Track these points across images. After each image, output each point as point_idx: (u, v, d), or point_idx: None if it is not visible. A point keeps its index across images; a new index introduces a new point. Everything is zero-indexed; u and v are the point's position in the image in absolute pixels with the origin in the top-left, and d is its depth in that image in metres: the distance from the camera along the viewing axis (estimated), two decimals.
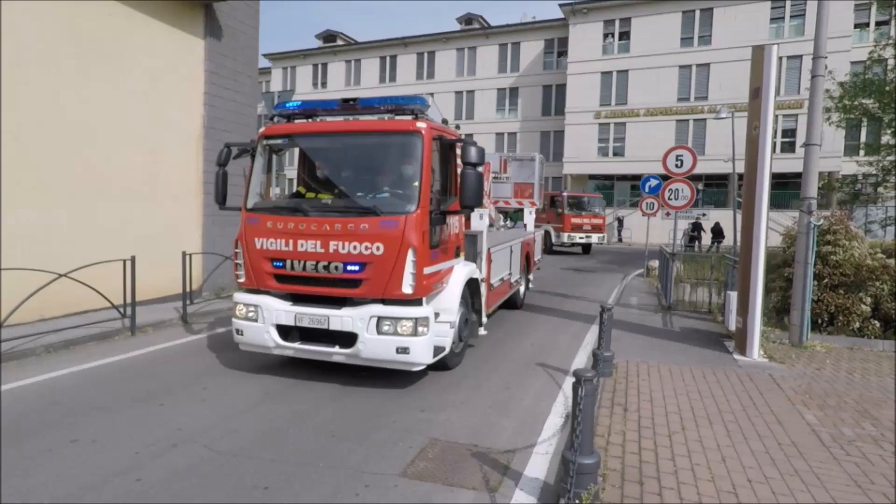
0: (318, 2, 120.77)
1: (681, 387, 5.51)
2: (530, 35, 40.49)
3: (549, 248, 22.57)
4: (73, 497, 3.29)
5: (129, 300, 7.45)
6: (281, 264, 5.35)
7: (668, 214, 19.09)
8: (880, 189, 16.35)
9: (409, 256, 5.00)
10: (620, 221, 33.65)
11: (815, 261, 7.47)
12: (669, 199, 12.60)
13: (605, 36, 36.06)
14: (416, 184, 5.16)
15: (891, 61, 14.64)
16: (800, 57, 30.51)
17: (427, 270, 5.21)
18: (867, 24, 31.88)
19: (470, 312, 6.43)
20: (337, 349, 5.28)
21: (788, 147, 31.64)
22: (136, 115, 8.94)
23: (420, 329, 5.06)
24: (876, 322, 7.55)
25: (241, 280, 5.65)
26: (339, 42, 47.98)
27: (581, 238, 23.33)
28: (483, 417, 4.73)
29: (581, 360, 6.73)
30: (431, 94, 43.55)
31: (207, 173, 10.21)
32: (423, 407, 4.93)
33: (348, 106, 5.79)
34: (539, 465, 3.84)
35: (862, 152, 21.50)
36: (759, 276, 6.67)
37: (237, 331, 5.65)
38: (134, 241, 8.63)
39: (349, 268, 5.11)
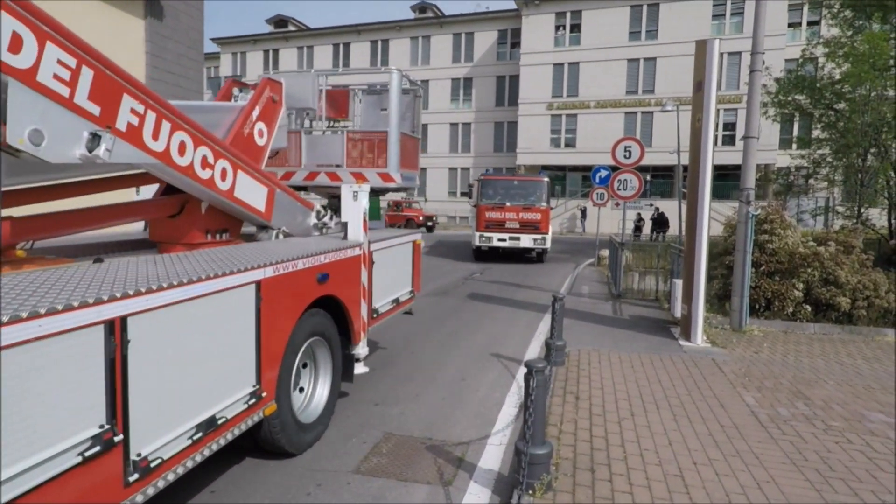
0: None
1: (630, 373, 5.67)
2: (484, 25, 40.53)
3: (481, 254, 16.95)
4: None
5: None
6: None
7: (617, 205, 19.60)
8: (811, 181, 17.31)
9: None
10: (583, 212, 33.79)
11: (753, 249, 7.84)
12: (619, 189, 12.92)
13: (557, 28, 36.52)
14: None
15: (821, 60, 15.47)
16: (739, 53, 31.81)
17: None
18: (800, 24, 33.61)
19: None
20: None
21: (729, 140, 33.05)
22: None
23: None
24: (807, 307, 8.00)
25: None
26: (291, 28, 46.61)
27: (503, 241, 16.08)
28: (437, 410, 4.72)
29: (535, 349, 6.82)
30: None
31: None
32: (377, 400, 4.87)
33: None
34: (493, 456, 3.86)
35: (795, 146, 22.74)
36: (702, 264, 6.94)
37: None
38: None
39: None
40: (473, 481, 3.50)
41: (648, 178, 34.09)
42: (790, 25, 32.76)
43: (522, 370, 5.86)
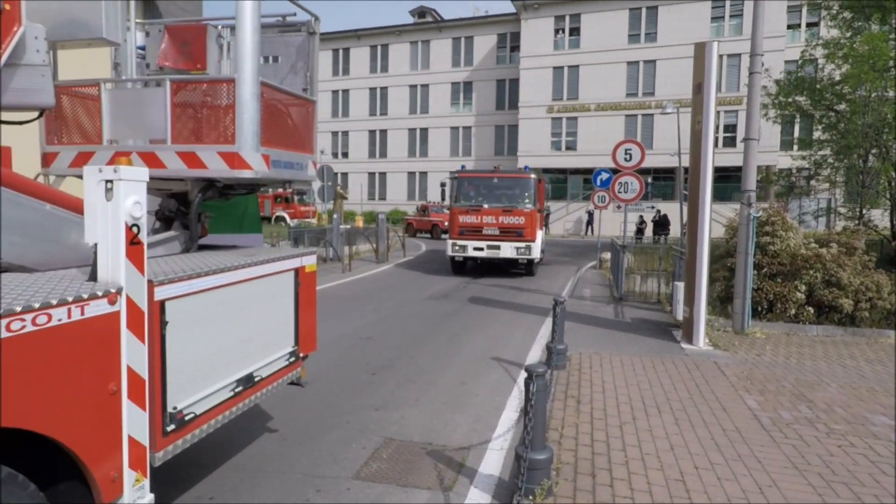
0: None
1: (631, 377, 5.65)
2: (483, 29, 40.66)
3: (459, 267, 14.30)
4: None
5: None
6: None
7: (619, 207, 19.61)
8: (813, 182, 17.27)
9: None
10: (590, 215, 33.57)
11: (755, 251, 7.82)
12: (619, 192, 12.90)
13: (556, 31, 36.62)
14: None
15: (821, 61, 15.46)
16: (739, 55, 31.84)
17: None
18: (799, 26, 33.64)
19: None
20: None
21: (730, 142, 33.05)
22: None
23: None
24: (810, 308, 7.97)
25: None
26: None
27: (479, 251, 13.48)
28: (438, 414, 4.70)
29: (536, 353, 6.80)
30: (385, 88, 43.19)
31: None
32: (377, 405, 4.85)
33: None
34: (494, 461, 3.84)
35: (796, 147, 22.71)
36: (704, 266, 6.92)
37: None
38: None
39: None
40: (474, 486, 3.48)
41: (650, 180, 34.08)
42: (789, 27, 32.80)
43: (523, 374, 5.84)
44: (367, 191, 44.50)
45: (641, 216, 28.51)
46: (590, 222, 33.86)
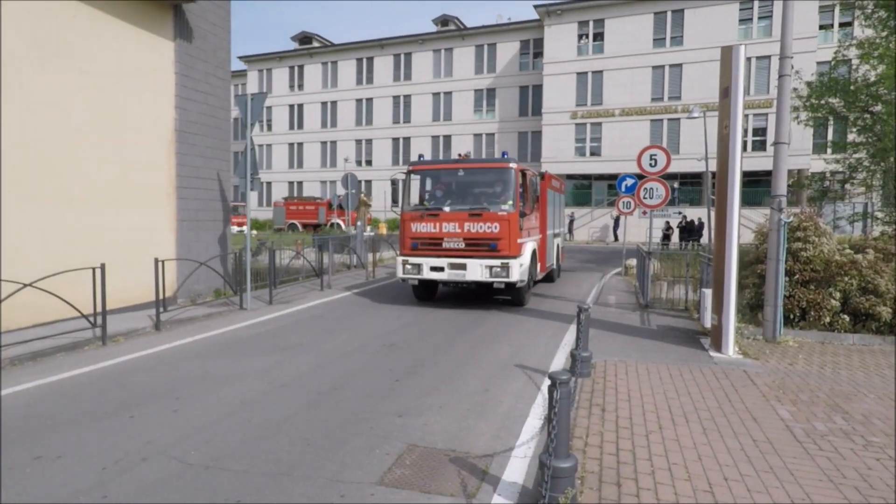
0: (293, 3, 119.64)
1: (658, 385, 5.55)
2: (506, 36, 40.73)
3: (425, 291, 10.94)
4: None
5: (99, 309, 7.24)
6: None
7: (644, 213, 19.37)
8: (847, 186, 16.79)
9: None
10: (616, 220, 32.80)
11: (787, 257, 7.62)
12: (644, 198, 12.74)
13: (580, 37, 36.43)
14: None
15: (855, 61, 15.05)
16: (768, 57, 31.23)
17: None
18: (832, 26, 32.81)
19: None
20: None
21: (760, 145, 32.36)
22: (103, 119, 8.69)
23: None
24: (845, 316, 7.72)
25: None
26: (316, 44, 47.63)
27: (438, 271, 9.96)
28: (461, 421, 4.69)
29: (560, 360, 6.74)
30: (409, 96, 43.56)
31: (181, 178, 10.00)
32: (401, 412, 4.87)
33: None
34: (517, 468, 3.82)
35: (829, 150, 22.09)
36: (733, 273, 6.77)
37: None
38: (105, 248, 8.40)
39: None
40: (497, 494, 3.46)
41: (676, 185, 33.55)
42: (821, 27, 32.03)
43: (547, 382, 5.79)
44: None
45: (668, 222, 28.06)
46: (616, 228, 33.41)
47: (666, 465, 3.74)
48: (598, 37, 36.01)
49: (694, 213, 29.40)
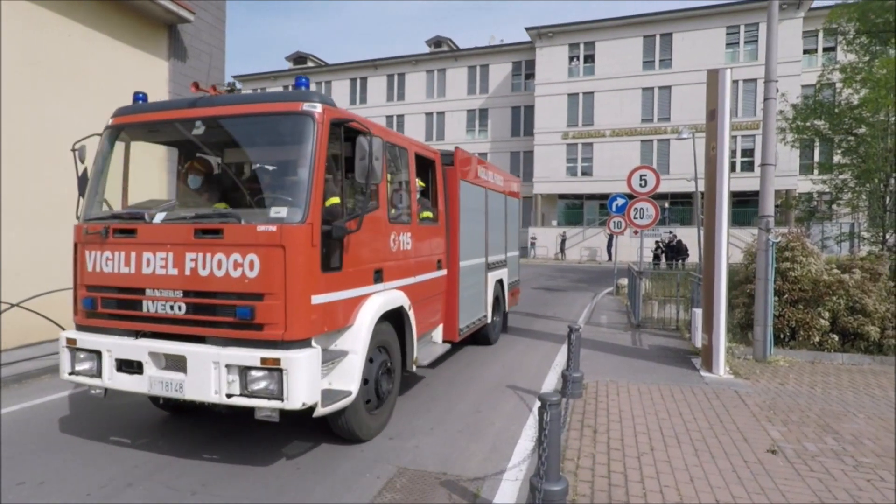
0: (287, 24, 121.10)
1: (649, 406, 5.54)
2: (498, 58, 41.32)
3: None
4: None
5: None
6: None
7: (636, 233, 19.50)
8: (834, 206, 17.01)
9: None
10: (610, 239, 33.13)
11: (775, 277, 7.69)
12: (635, 218, 12.86)
13: (571, 59, 37.03)
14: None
15: (838, 85, 15.38)
16: (755, 80, 31.83)
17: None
18: (815, 50, 33.61)
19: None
20: None
21: (748, 166, 32.78)
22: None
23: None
24: (834, 336, 7.77)
25: None
26: (310, 64, 48.09)
27: (133, 371, 4.10)
28: (452, 443, 4.65)
29: (552, 380, 6.72)
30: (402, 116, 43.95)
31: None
32: (392, 434, 4.83)
33: None
34: (509, 491, 3.78)
35: (816, 171, 22.44)
36: (722, 292, 6.82)
37: None
38: None
39: None
40: None
41: (666, 205, 33.83)
42: (806, 52, 32.77)
43: (538, 403, 5.76)
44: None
45: (657, 242, 28.19)
46: (609, 246, 33.50)
47: (657, 488, 3.72)
48: (589, 59, 36.63)
49: (684, 233, 29.61)
